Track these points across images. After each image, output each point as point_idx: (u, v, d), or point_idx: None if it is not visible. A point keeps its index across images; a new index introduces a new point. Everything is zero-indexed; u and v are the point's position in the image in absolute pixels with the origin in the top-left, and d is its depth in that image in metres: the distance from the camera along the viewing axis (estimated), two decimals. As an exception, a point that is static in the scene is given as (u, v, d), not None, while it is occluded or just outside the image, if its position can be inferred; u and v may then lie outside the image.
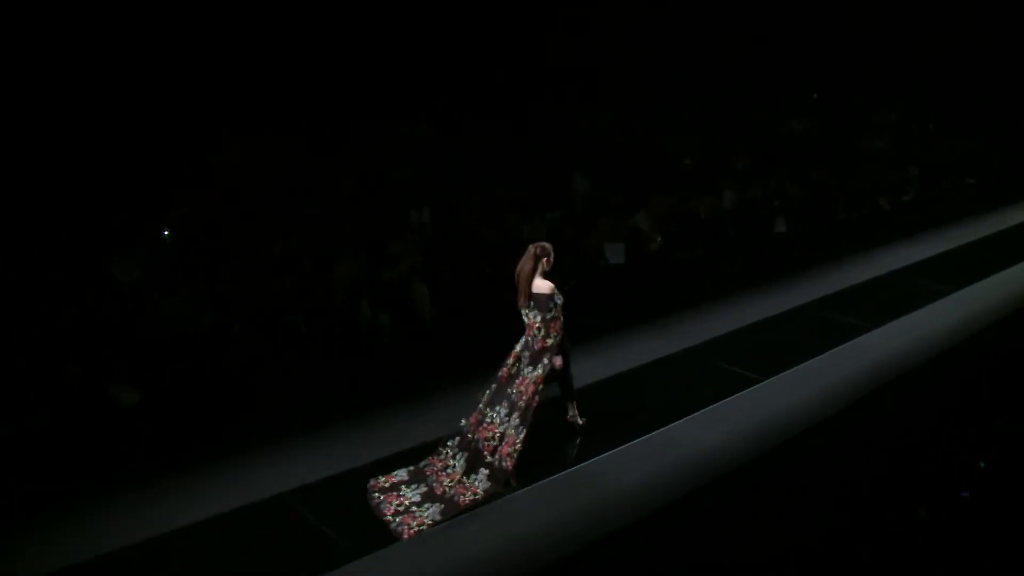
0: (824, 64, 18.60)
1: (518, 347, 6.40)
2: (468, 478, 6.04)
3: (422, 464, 6.29)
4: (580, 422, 6.91)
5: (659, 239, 12.16)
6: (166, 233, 9.55)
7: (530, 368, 6.23)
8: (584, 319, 9.62)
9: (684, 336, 9.13)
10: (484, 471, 6.05)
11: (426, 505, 5.86)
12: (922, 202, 15.99)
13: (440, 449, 6.33)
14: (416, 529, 5.64)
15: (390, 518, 5.75)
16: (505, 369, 6.36)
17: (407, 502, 5.89)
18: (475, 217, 11.68)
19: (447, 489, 5.99)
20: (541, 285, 6.25)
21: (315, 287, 9.23)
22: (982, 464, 5.09)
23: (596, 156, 13.96)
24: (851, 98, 18.91)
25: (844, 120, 18.09)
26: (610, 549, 5.61)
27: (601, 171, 13.66)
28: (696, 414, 7.23)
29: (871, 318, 9.51)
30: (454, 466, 6.15)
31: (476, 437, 6.17)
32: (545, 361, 6.24)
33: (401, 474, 6.21)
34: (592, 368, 7.92)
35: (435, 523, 5.72)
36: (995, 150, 18.54)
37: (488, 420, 6.21)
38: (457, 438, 6.29)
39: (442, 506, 5.85)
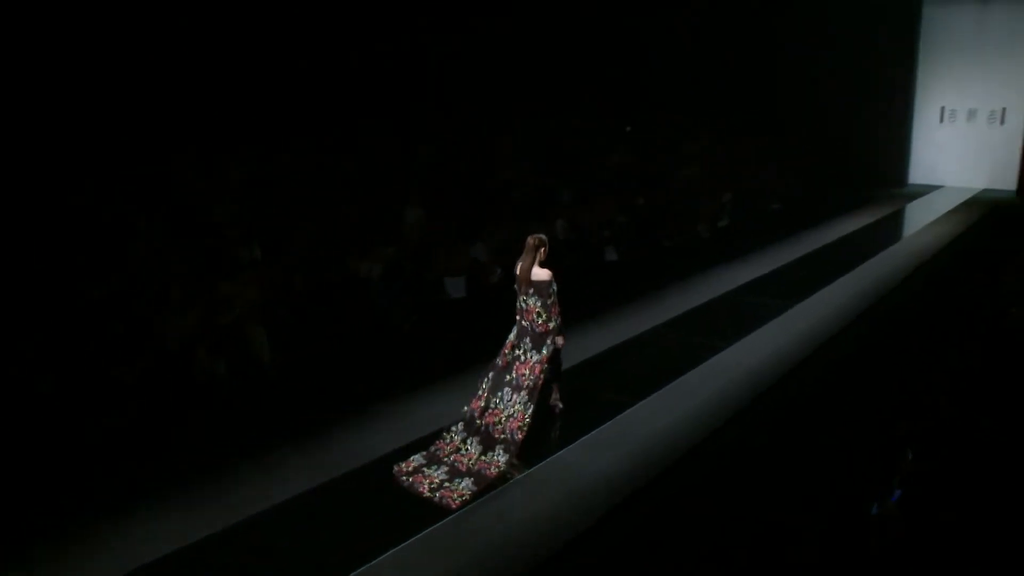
0: (636, 98, 19.29)
1: (512, 336, 6.84)
2: (487, 455, 6.43)
3: (432, 449, 6.63)
4: (560, 407, 7.36)
5: (499, 270, 11.94)
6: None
7: (533, 352, 6.70)
8: (429, 356, 9.27)
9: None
10: (500, 447, 6.45)
11: (456, 480, 6.20)
12: (735, 227, 16.74)
13: (445, 435, 6.75)
14: (459, 501, 5.95)
15: (429, 494, 6.05)
16: (503, 357, 6.81)
17: (436, 480, 6.21)
18: (308, 253, 10.97)
19: (471, 467, 6.34)
20: (540, 273, 6.69)
21: (142, 335, 8.25)
22: (910, 455, 5.09)
23: (426, 187, 13.60)
24: (660, 130, 19.64)
25: (657, 151, 18.73)
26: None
27: (433, 203, 13.30)
28: (578, 441, 6.99)
29: (721, 337, 9.67)
30: (468, 449, 6.54)
31: (484, 423, 6.62)
32: (549, 343, 6.72)
33: (418, 459, 6.52)
34: (453, 405, 7.28)
35: (473, 495, 6.03)
36: (796, 178, 19.93)
37: (493, 406, 6.66)
38: (461, 423, 6.72)
39: (472, 479, 6.19)
